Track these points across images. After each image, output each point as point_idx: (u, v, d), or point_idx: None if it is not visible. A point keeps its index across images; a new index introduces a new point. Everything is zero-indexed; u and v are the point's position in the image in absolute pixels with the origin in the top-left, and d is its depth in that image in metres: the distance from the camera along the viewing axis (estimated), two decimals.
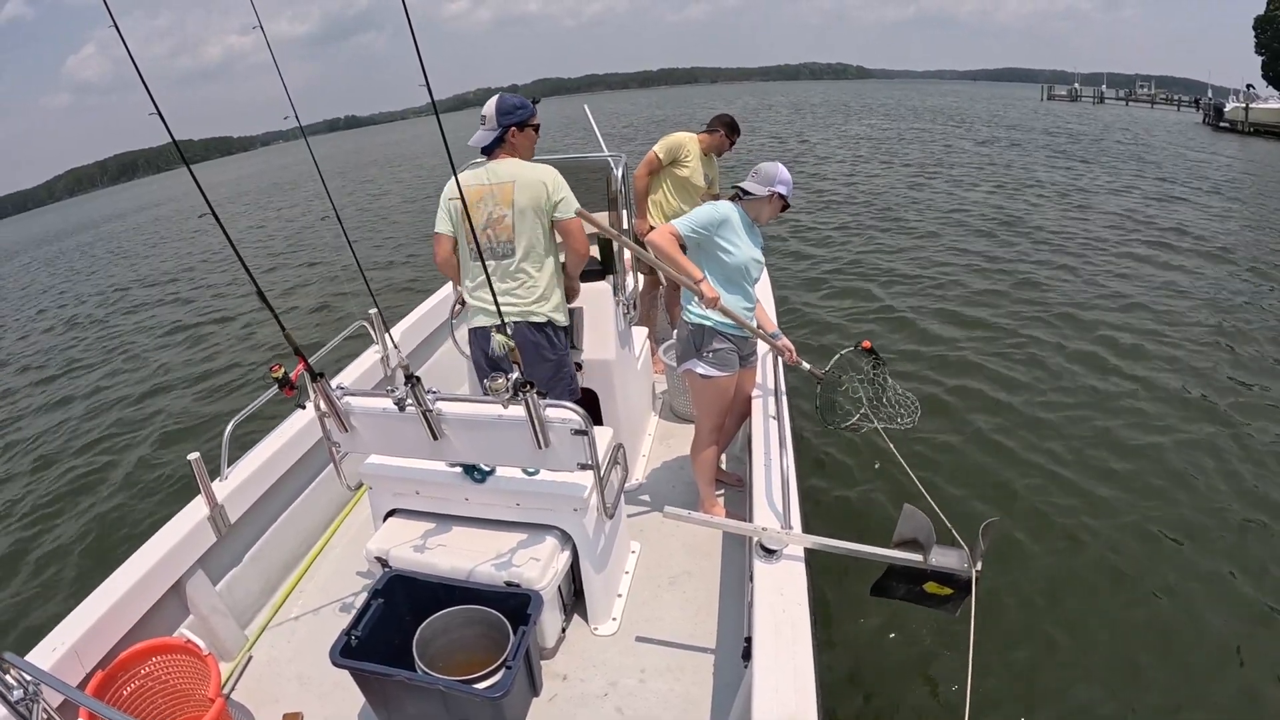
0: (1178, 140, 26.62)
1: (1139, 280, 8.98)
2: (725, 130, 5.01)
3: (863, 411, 3.52)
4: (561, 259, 3.15)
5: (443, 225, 3.14)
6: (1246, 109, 31.23)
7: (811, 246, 11.44)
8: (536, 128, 3.14)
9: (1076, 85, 61.55)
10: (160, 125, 1.85)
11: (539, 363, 3.08)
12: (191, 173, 2.07)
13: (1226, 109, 32.97)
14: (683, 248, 3.10)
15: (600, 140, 5.12)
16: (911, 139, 27.05)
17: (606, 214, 3.74)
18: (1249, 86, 34.82)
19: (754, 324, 3.29)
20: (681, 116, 43.14)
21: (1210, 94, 40.72)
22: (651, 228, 4.86)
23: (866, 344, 3.50)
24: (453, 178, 3.09)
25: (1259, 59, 47.81)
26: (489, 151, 3.08)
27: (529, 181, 2.97)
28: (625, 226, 3.73)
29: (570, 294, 3.26)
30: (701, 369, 3.21)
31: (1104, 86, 60.44)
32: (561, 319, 3.15)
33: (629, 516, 3.44)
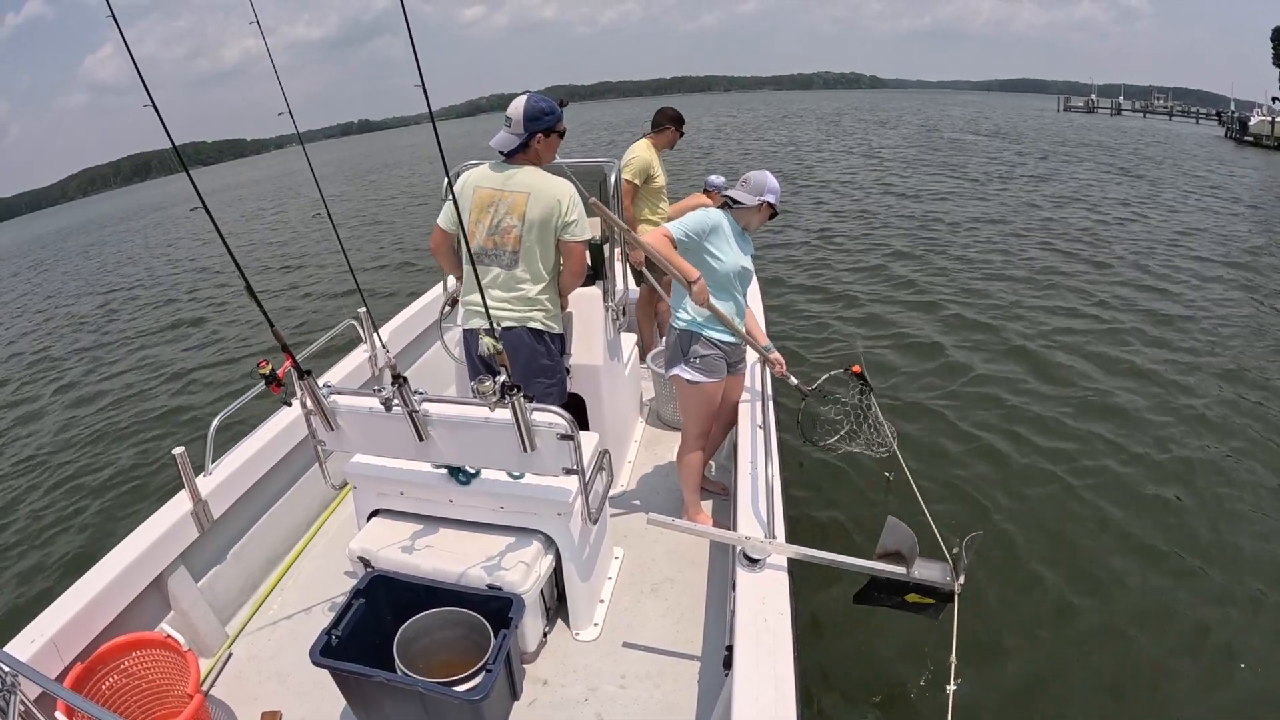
0: (1209, 154, 26.21)
1: (1183, 296, 8.75)
2: (674, 125, 5.06)
3: (842, 434, 3.55)
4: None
5: (443, 220, 3.12)
6: (1273, 123, 30.54)
7: (848, 265, 11.04)
8: (562, 133, 3.06)
9: (1093, 96, 60.56)
10: (175, 126, 1.85)
11: (535, 368, 3.07)
12: (183, 163, 2.07)
13: (1251, 123, 32.19)
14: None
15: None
16: (949, 150, 26.64)
17: (599, 219, 3.75)
18: (1275, 100, 34.23)
19: (744, 331, 3.30)
20: (693, 124, 43.06)
21: (1233, 107, 40.00)
22: None
23: (856, 368, 3.51)
24: (462, 174, 3.08)
25: (1276, 70, 47.74)
26: (509, 155, 3.00)
27: (544, 196, 2.91)
28: (614, 234, 3.74)
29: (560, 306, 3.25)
30: (688, 374, 3.22)
31: (1121, 98, 59.84)
32: (557, 327, 3.15)
33: (613, 522, 3.44)
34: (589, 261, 3.49)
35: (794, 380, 3.51)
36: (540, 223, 2.92)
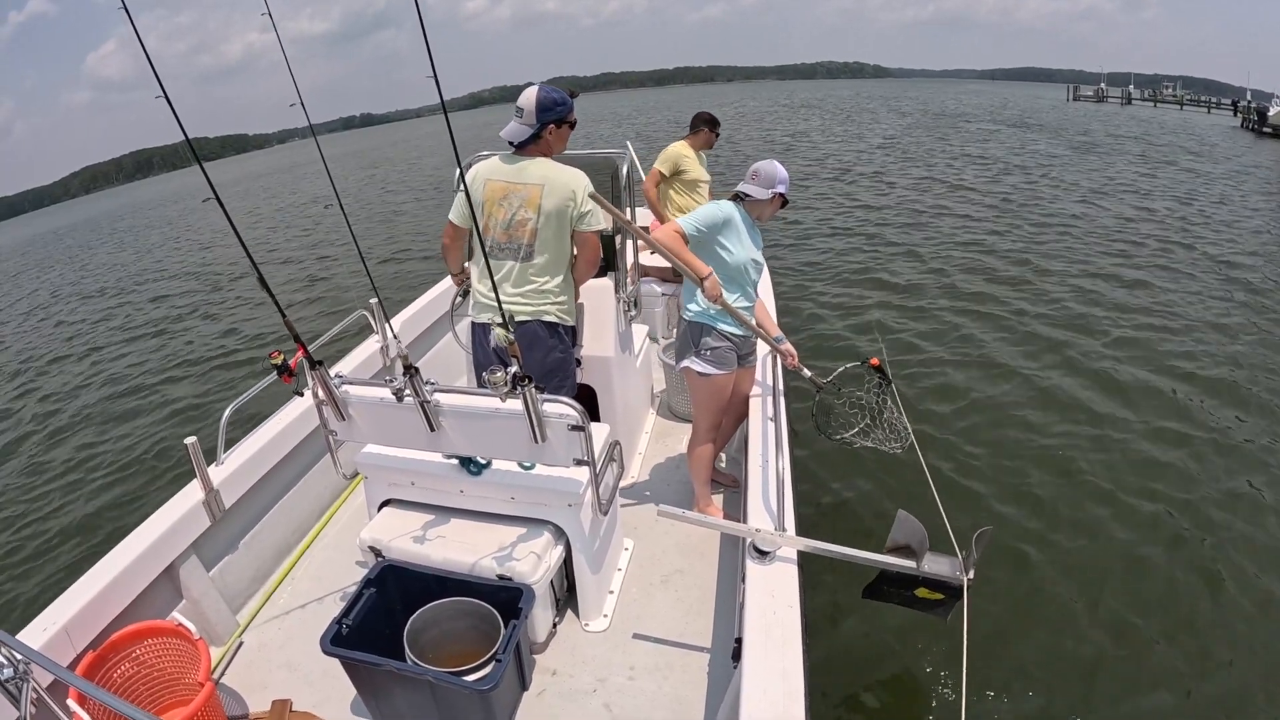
0: (1239, 146, 25.55)
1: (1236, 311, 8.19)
2: (708, 127, 5.55)
3: (857, 429, 3.50)
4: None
5: (455, 214, 3.10)
6: None
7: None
8: (573, 124, 3.03)
9: (1103, 85, 59.21)
10: (175, 119, 1.85)
11: (547, 360, 3.05)
12: (196, 156, 2.07)
13: (1270, 113, 31.08)
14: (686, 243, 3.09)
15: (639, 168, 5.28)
16: (976, 141, 25.79)
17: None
18: None
19: (754, 323, 3.29)
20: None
21: (1250, 97, 38.95)
22: None
23: (875, 361, 3.44)
24: (474, 166, 3.07)
25: None
26: (520, 146, 2.96)
27: (558, 188, 2.88)
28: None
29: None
30: (699, 366, 3.21)
31: (1131, 87, 58.54)
32: (571, 320, 3.14)
33: (623, 514, 3.44)
34: (600, 254, 3.49)
35: (807, 372, 3.47)
36: (556, 214, 2.89)
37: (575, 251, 3.07)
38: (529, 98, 2.88)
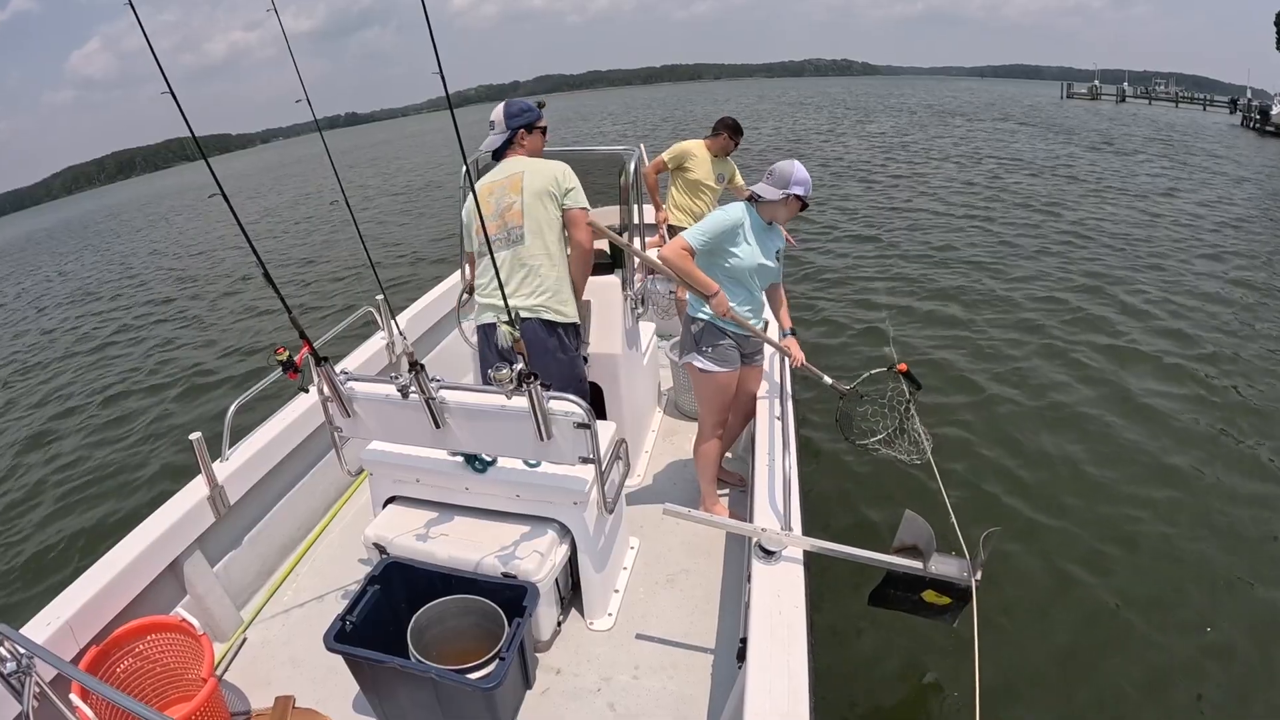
0: (1248, 145, 25.18)
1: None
2: (728, 132, 5.46)
3: (881, 437, 3.44)
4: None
5: (469, 245, 3.27)
6: None
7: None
8: (544, 130, 3.24)
9: (1097, 83, 58.76)
10: (160, 122, 1.87)
11: (551, 362, 3.05)
12: (202, 151, 2.07)
13: (1273, 112, 30.68)
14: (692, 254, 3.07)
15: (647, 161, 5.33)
16: (994, 141, 25.10)
17: (618, 207, 3.73)
18: None
19: (760, 326, 3.27)
20: (692, 114, 41.89)
21: (1250, 95, 38.61)
22: (671, 226, 5.34)
23: (903, 366, 3.34)
24: (474, 184, 3.12)
25: None
26: (499, 155, 3.19)
27: (540, 170, 3.04)
28: (636, 221, 3.72)
29: (575, 293, 3.24)
30: (700, 363, 3.20)
31: (1125, 84, 57.96)
32: (571, 316, 3.14)
33: (629, 512, 3.43)
34: (608, 250, 3.48)
35: (828, 379, 3.40)
36: (542, 193, 2.99)
37: (571, 250, 3.11)
38: (498, 110, 3.18)
